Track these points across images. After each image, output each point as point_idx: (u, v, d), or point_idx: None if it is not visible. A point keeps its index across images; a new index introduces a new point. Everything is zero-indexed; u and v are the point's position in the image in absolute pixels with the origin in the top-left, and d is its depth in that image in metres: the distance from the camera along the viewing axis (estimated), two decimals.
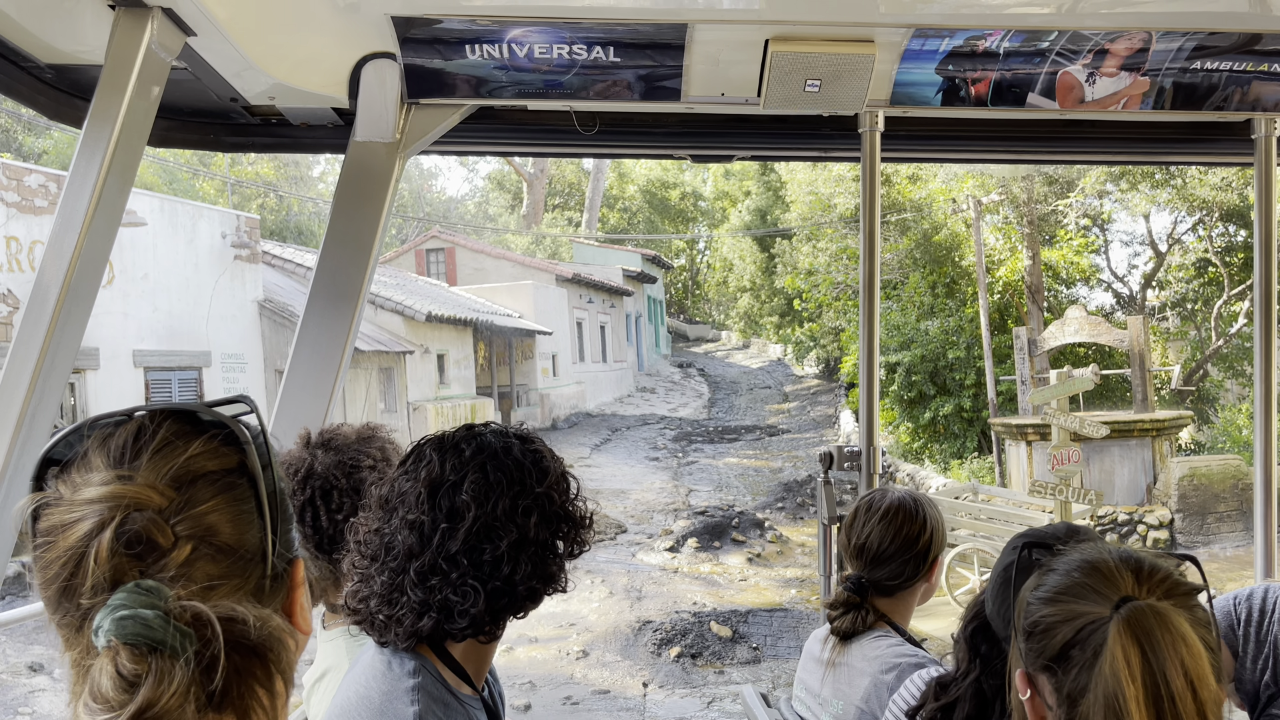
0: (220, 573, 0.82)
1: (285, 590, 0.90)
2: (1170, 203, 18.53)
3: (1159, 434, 14.92)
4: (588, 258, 38.45)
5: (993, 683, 1.65)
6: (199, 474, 0.84)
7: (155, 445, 0.84)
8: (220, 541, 0.83)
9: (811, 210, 24.13)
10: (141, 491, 0.81)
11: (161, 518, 0.80)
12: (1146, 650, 1.20)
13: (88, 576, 0.78)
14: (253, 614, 0.79)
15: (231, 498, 0.85)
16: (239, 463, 0.87)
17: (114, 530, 0.79)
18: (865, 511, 2.27)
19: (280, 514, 0.89)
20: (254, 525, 0.86)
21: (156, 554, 0.80)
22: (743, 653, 10.43)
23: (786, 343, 37.02)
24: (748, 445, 25.29)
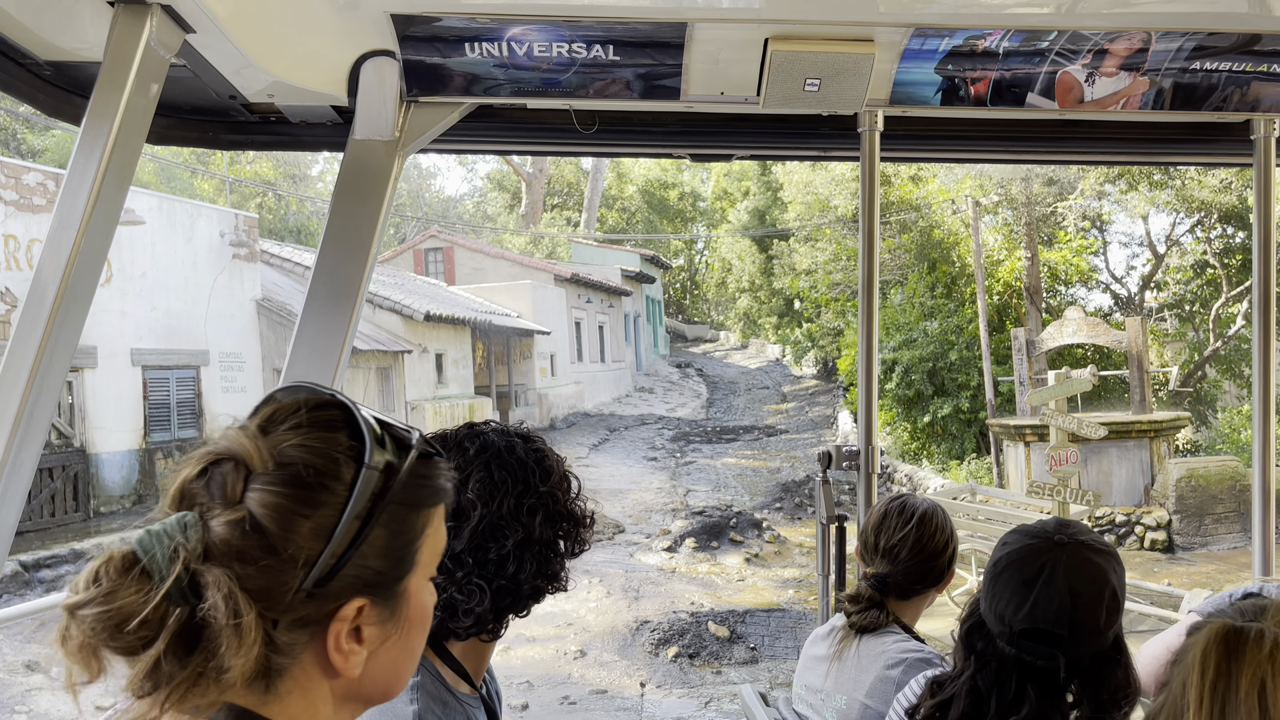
0: (249, 552, 0.84)
1: (320, 615, 0.88)
2: (1169, 204, 18.55)
3: (1157, 435, 14.93)
4: (586, 258, 38.45)
5: (987, 679, 1.66)
6: (303, 465, 0.87)
7: (300, 423, 0.90)
8: (270, 528, 0.85)
9: (810, 210, 24.14)
10: (248, 449, 0.87)
11: (243, 477, 0.86)
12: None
13: (170, 493, 0.87)
14: (224, 594, 0.80)
15: (319, 501, 0.87)
16: (350, 478, 0.89)
17: (206, 462, 0.87)
18: (898, 515, 2.30)
19: (360, 546, 0.88)
20: (320, 535, 0.86)
21: (221, 503, 0.85)
22: (740, 653, 10.43)
23: (785, 343, 37.05)
24: (746, 445, 25.29)
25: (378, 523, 0.90)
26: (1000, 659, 1.64)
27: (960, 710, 1.67)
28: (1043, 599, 1.59)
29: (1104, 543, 1.68)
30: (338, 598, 0.88)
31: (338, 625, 0.89)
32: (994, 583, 1.68)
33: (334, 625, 0.89)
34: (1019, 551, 1.67)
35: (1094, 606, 1.58)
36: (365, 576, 0.90)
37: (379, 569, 0.91)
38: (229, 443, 0.88)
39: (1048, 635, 1.58)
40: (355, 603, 0.89)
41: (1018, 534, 1.72)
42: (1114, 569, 1.63)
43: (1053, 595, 1.58)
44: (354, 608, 0.89)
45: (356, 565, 0.88)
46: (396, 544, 0.92)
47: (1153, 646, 2.17)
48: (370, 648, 0.92)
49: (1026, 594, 1.60)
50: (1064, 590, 1.58)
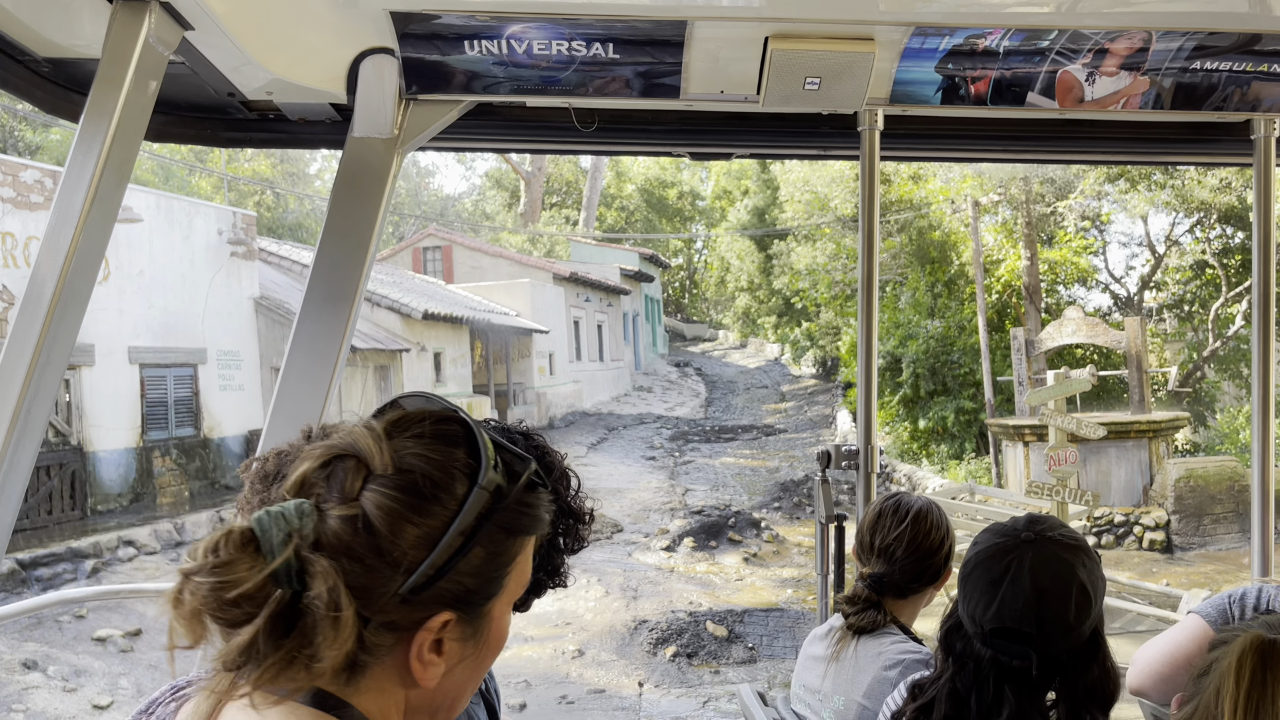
0: (357, 550, 0.86)
1: (409, 622, 0.91)
2: (1168, 204, 18.55)
3: (1156, 435, 14.94)
4: (585, 256, 38.44)
5: (965, 681, 1.65)
6: (420, 474, 0.90)
7: (423, 432, 0.93)
8: (385, 530, 0.87)
9: (809, 209, 24.13)
10: (371, 450, 0.90)
11: (363, 476, 0.89)
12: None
13: (292, 479, 0.90)
14: (329, 586, 0.83)
15: (428, 511, 0.90)
16: (462, 494, 0.92)
17: (329, 456, 0.90)
18: (893, 514, 2.30)
19: (458, 562, 0.91)
20: (423, 545, 0.89)
21: (337, 495, 0.88)
22: (738, 652, 10.43)
23: (784, 342, 37.04)
24: (744, 445, 25.29)
25: (478, 541, 0.92)
26: (977, 660, 1.64)
27: (942, 713, 1.67)
28: (1009, 597, 1.59)
29: (1074, 537, 1.67)
30: (428, 608, 0.91)
31: (424, 635, 0.91)
32: (964, 583, 1.69)
33: (420, 634, 0.91)
34: (986, 551, 1.67)
35: (1061, 603, 1.58)
36: (457, 592, 0.92)
37: (471, 587, 0.93)
38: (353, 440, 0.91)
39: (1016, 634, 1.58)
40: (443, 616, 0.92)
41: (987, 533, 1.73)
42: (1082, 563, 1.62)
43: (1018, 593, 1.58)
44: (441, 620, 0.92)
45: (451, 579, 0.91)
46: (490, 565, 0.95)
47: (1151, 647, 2.16)
48: (448, 663, 0.95)
49: (994, 593, 1.61)
50: (1029, 588, 1.58)
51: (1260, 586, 2.07)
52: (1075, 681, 1.61)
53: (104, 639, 10.24)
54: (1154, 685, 2.13)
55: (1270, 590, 2.04)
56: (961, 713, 1.65)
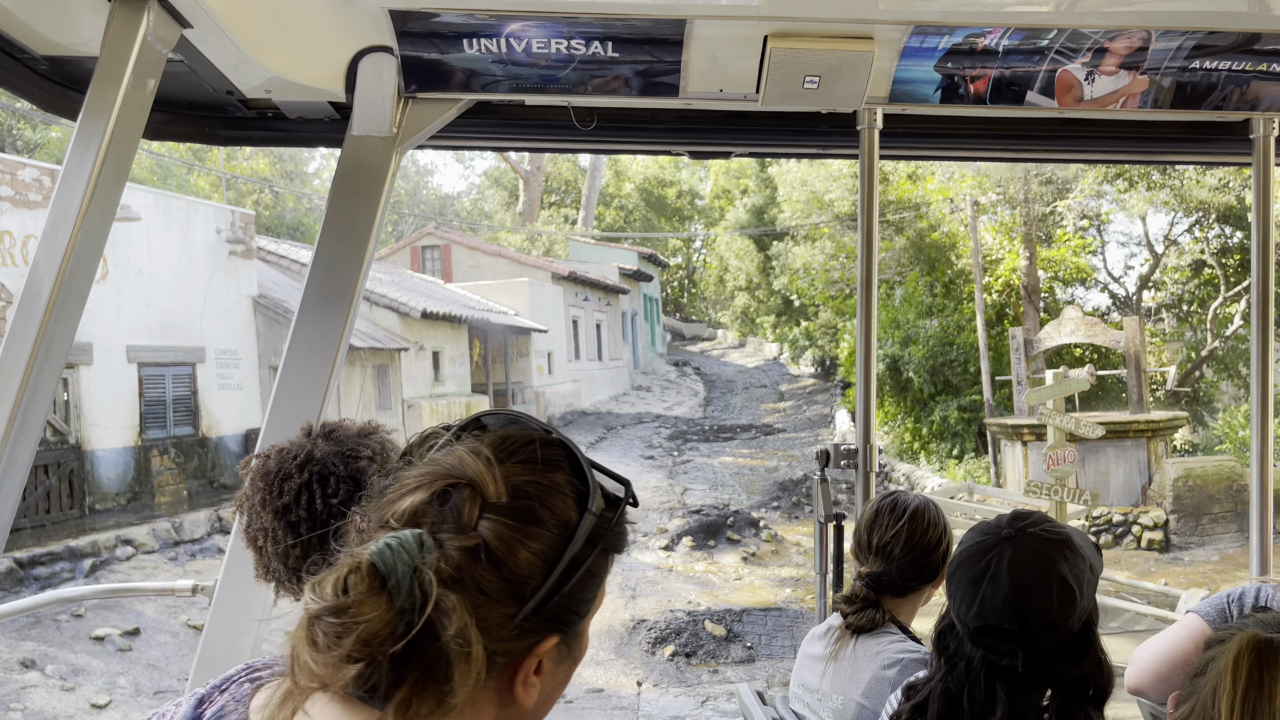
0: (479, 581, 0.86)
1: (521, 648, 0.91)
2: (1167, 204, 18.56)
3: (1154, 435, 14.95)
4: (584, 255, 38.43)
5: (957, 680, 1.66)
6: (536, 501, 0.90)
7: (528, 458, 0.93)
8: (502, 560, 0.87)
9: (807, 208, 24.13)
10: (487, 478, 0.89)
11: (478, 505, 0.88)
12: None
13: (403, 506, 0.89)
14: (461, 624, 0.83)
15: (542, 538, 0.90)
16: (572, 521, 0.92)
17: (443, 484, 0.89)
18: (890, 513, 2.30)
19: (569, 586, 0.91)
20: (539, 572, 0.89)
21: (453, 526, 0.87)
22: (737, 652, 10.43)
23: (783, 342, 37.04)
24: (743, 444, 25.29)
25: (588, 566, 0.93)
26: (968, 660, 1.64)
27: (935, 713, 1.67)
28: (989, 595, 1.59)
29: (1057, 532, 1.67)
30: (538, 633, 0.91)
31: (532, 660, 0.92)
32: (949, 583, 1.69)
33: (529, 659, 0.91)
34: (969, 550, 1.68)
35: (1042, 598, 1.57)
36: (563, 615, 0.93)
37: (574, 609, 0.94)
38: (463, 467, 0.90)
39: (999, 631, 1.58)
40: (552, 640, 0.92)
41: (972, 532, 1.73)
42: (1064, 557, 1.61)
43: (997, 591, 1.59)
44: (550, 644, 0.92)
45: (559, 604, 0.91)
46: (592, 586, 0.96)
47: (1150, 646, 2.16)
48: (545, 682, 0.95)
49: (975, 592, 1.61)
50: (1008, 585, 1.58)
51: (1259, 586, 2.07)
52: (1065, 676, 1.60)
53: (102, 638, 10.24)
54: (1152, 684, 2.13)
55: (1269, 589, 2.04)
56: (955, 712, 1.65)
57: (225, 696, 1.01)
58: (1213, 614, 2.06)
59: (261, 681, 1.01)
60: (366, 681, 0.82)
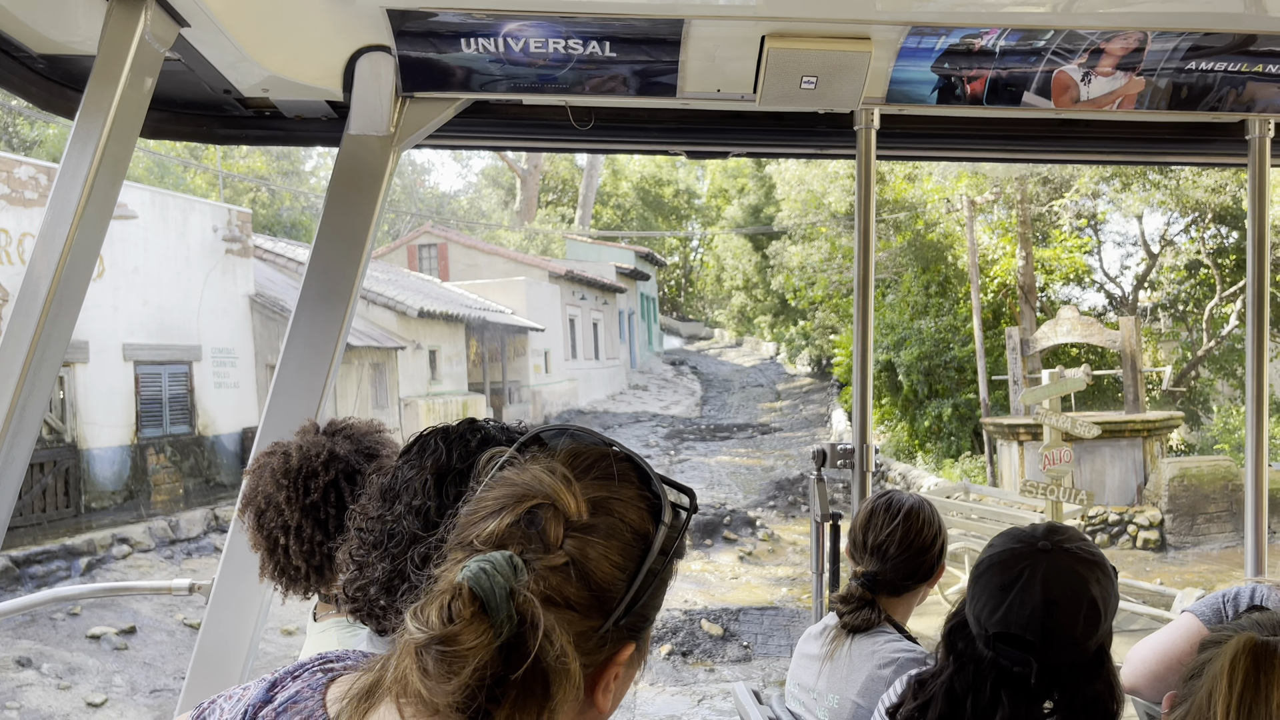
0: (569, 598, 0.88)
1: (604, 658, 0.93)
2: (1163, 204, 18.58)
3: (1150, 435, 14.98)
4: (581, 254, 38.43)
5: (964, 681, 1.65)
6: (615, 516, 0.93)
7: (603, 473, 0.95)
8: (589, 576, 0.89)
9: (804, 208, 24.13)
10: (567, 497, 0.91)
11: (563, 525, 0.90)
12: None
13: (489, 528, 0.91)
14: (563, 642, 0.84)
15: (623, 552, 0.92)
16: (648, 533, 0.94)
17: (528, 507, 0.90)
18: (884, 512, 2.30)
19: (646, 595, 0.94)
20: (621, 585, 0.91)
21: (540, 546, 0.89)
22: (733, 651, 10.44)
23: (780, 341, 37.06)
24: (740, 443, 25.30)
25: (661, 574, 0.96)
26: (978, 661, 1.64)
27: (938, 711, 1.67)
28: (1017, 604, 1.58)
29: (1093, 552, 1.66)
30: (619, 643, 0.94)
31: (613, 669, 0.94)
32: (974, 584, 1.68)
33: (611, 668, 0.94)
34: (1001, 555, 1.67)
35: (1070, 616, 1.57)
36: (639, 624, 0.96)
37: (648, 616, 0.98)
38: (544, 488, 0.92)
39: (1020, 641, 1.57)
40: (630, 647, 0.95)
41: (1004, 537, 1.72)
42: (1097, 579, 1.61)
43: (1027, 601, 1.58)
44: (629, 653, 0.95)
45: (638, 613, 0.94)
46: (663, 592, 1.00)
47: (1145, 646, 2.17)
48: (618, 688, 0.98)
49: (1002, 598, 1.60)
50: (1039, 598, 1.57)
51: (1254, 586, 2.08)
52: (1074, 695, 1.60)
53: (98, 636, 10.23)
54: (1148, 684, 2.14)
55: (1264, 589, 2.05)
56: (957, 713, 1.65)
57: (299, 683, 1.02)
58: (1208, 614, 2.06)
59: (335, 673, 1.02)
60: (470, 701, 0.83)
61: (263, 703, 1.01)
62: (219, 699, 1.05)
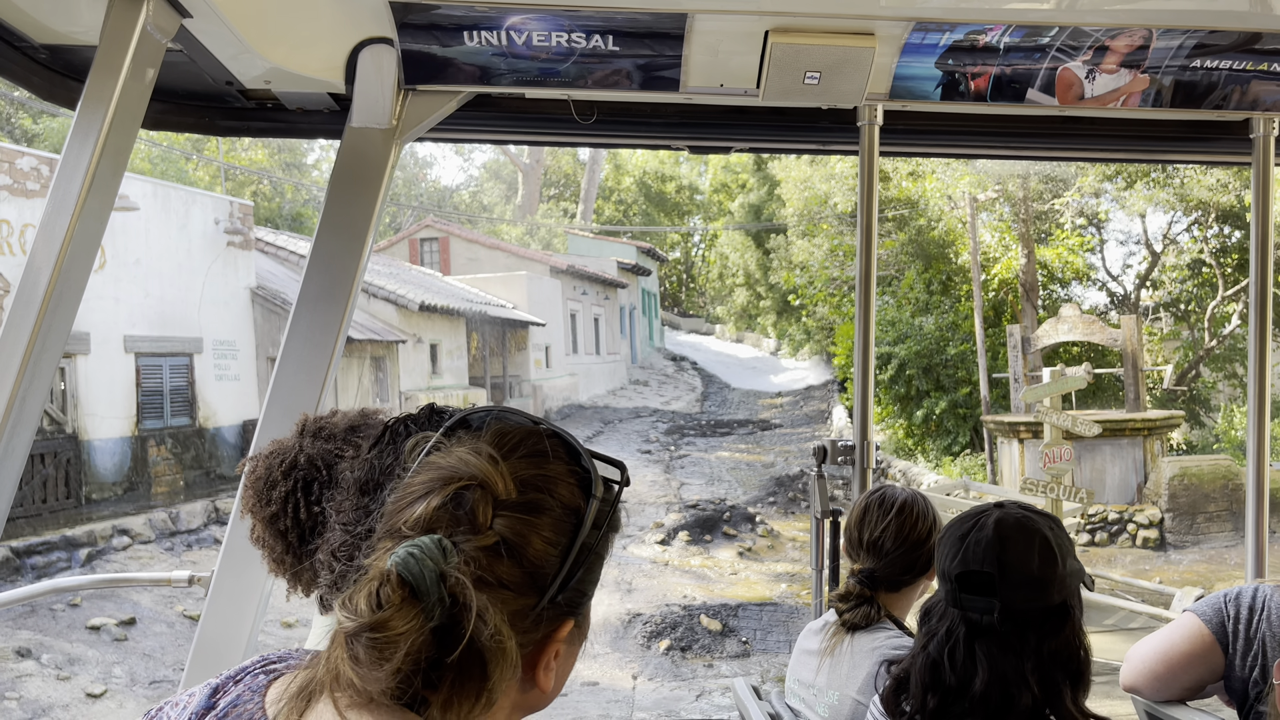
0: (502, 577, 0.89)
1: (542, 636, 0.94)
2: (1166, 203, 18.56)
3: (1150, 433, 14.97)
4: (582, 249, 38.40)
5: (937, 646, 1.70)
6: (545, 493, 0.93)
7: (531, 451, 0.95)
8: (521, 554, 0.90)
9: (808, 205, 24.11)
10: (495, 476, 0.91)
11: (492, 504, 0.90)
12: None
13: (416, 512, 0.89)
14: (496, 622, 0.85)
15: (555, 528, 0.92)
16: (579, 508, 0.95)
17: (454, 489, 0.90)
18: (878, 508, 2.31)
19: (581, 570, 0.94)
20: (555, 561, 0.92)
21: (469, 527, 0.88)
22: (732, 646, 10.45)
23: (781, 337, 37.04)
24: (740, 439, 25.31)
25: (595, 548, 0.96)
26: (949, 624, 1.69)
27: (921, 680, 1.70)
28: (972, 543, 1.69)
29: (1047, 513, 1.77)
30: (558, 619, 0.94)
31: (554, 645, 0.95)
32: (938, 547, 1.79)
33: (550, 645, 0.95)
34: (960, 515, 1.78)
35: (1023, 550, 1.66)
36: (577, 599, 0.96)
37: (586, 591, 0.98)
38: (471, 469, 0.91)
39: (979, 576, 1.65)
40: (568, 624, 0.96)
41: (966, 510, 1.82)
42: (1049, 526, 1.71)
43: (981, 539, 1.68)
44: (568, 628, 0.96)
45: (574, 589, 0.95)
46: (599, 566, 1.00)
47: (1146, 645, 2.17)
48: (560, 665, 0.98)
49: (960, 545, 1.71)
50: (992, 534, 1.68)
51: (1256, 586, 2.07)
52: (1041, 643, 1.64)
53: (98, 627, 10.24)
54: (1148, 683, 2.14)
55: (1267, 589, 2.05)
56: (938, 678, 1.68)
57: (240, 687, 1.02)
58: (1210, 613, 2.06)
59: (277, 673, 1.02)
60: (403, 688, 0.83)
61: (206, 709, 1.00)
62: (165, 706, 1.05)
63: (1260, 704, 1.95)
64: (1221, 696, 2.10)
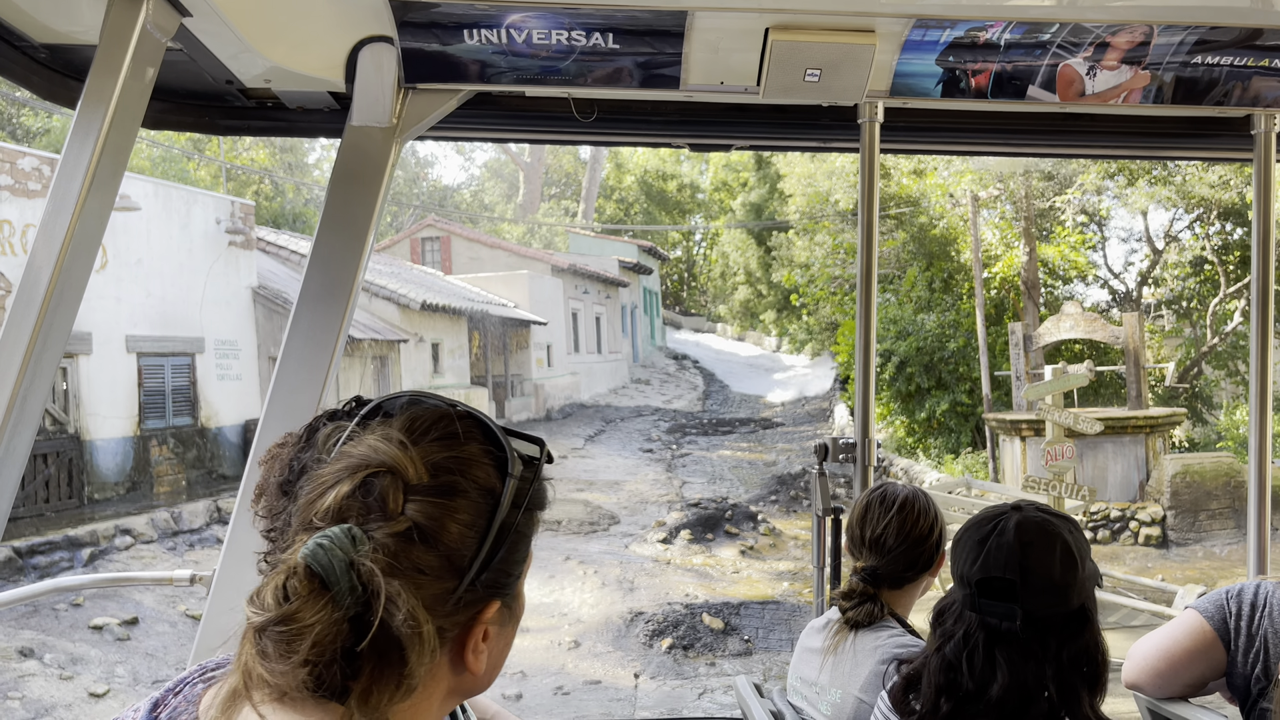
0: (417, 562, 0.87)
1: (467, 619, 0.93)
2: (1168, 200, 18.54)
3: (1153, 431, 14.96)
4: (583, 248, 38.41)
5: (954, 649, 1.67)
6: (459, 475, 0.92)
7: (443, 434, 0.94)
8: (435, 538, 0.88)
9: (810, 204, 24.10)
10: (403, 461, 0.89)
11: (403, 489, 0.88)
12: None
13: (325, 503, 0.88)
14: (409, 608, 0.84)
15: (471, 510, 0.91)
16: (496, 488, 0.94)
17: (361, 478, 0.88)
18: (880, 505, 2.30)
19: (502, 551, 0.93)
20: (473, 543, 0.91)
21: (380, 515, 0.87)
22: (734, 645, 10.45)
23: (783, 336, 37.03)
24: (741, 438, 25.32)
25: (517, 527, 0.95)
26: (966, 627, 1.67)
27: (935, 683, 1.68)
28: (994, 549, 1.66)
29: (1063, 514, 1.75)
30: (482, 601, 0.93)
31: (480, 627, 0.94)
32: (955, 547, 1.76)
33: (476, 628, 0.94)
34: (977, 517, 1.76)
35: (1044, 555, 1.64)
36: (502, 580, 0.95)
37: (511, 571, 0.97)
38: (380, 455, 0.90)
39: (1000, 583, 1.63)
40: (494, 605, 0.95)
41: (981, 510, 1.80)
42: (1069, 530, 1.69)
43: (1003, 544, 1.66)
44: (493, 610, 0.95)
45: (497, 570, 0.94)
46: (523, 546, 0.99)
47: (1148, 642, 2.17)
48: (492, 646, 0.97)
49: (980, 549, 1.68)
50: (1013, 539, 1.66)
51: (1258, 583, 2.07)
52: (1061, 648, 1.62)
53: (100, 627, 10.25)
54: (1149, 680, 2.14)
55: (1269, 586, 2.04)
56: (954, 680, 1.66)
57: (179, 699, 1.01)
58: (1212, 610, 2.06)
59: (214, 680, 1.00)
60: (321, 680, 0.82)
61: None
62: None
63: (1263, 700, 1.95)
64: (1224, 693, 2.10)
